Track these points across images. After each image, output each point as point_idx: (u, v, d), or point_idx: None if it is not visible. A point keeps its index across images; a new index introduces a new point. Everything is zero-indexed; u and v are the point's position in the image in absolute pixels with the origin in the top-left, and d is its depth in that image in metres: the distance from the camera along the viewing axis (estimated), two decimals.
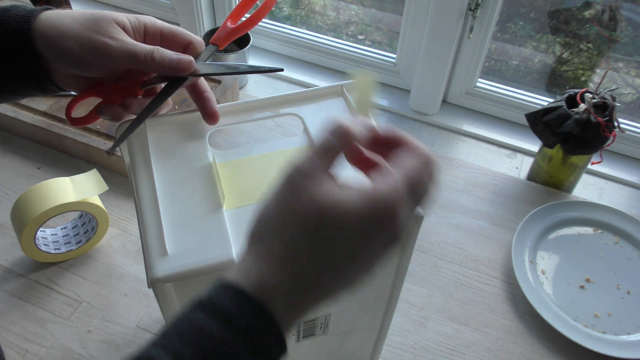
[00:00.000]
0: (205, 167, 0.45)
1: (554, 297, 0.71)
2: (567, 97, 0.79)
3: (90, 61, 0.44)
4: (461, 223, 0.81)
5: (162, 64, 0.45)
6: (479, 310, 0.71)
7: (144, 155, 0.45)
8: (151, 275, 0.38)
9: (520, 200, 0.84)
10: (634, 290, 0.72)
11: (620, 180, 0.90)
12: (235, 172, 0.46)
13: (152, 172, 0.44)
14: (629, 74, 0.98)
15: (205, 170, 0.45)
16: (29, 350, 0.65)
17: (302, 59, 1.10)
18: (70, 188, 0.69)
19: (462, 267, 0.75)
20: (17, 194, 0.81)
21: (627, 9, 0.90)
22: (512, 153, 0.94)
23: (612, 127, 0.76)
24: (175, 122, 0.48)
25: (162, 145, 0.46)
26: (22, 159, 0.87)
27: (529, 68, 1.04)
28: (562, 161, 0.82)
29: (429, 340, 0.67)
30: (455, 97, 1.01)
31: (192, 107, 0.49)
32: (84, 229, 0.74)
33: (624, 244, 0.78)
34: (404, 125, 0.99)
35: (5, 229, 0.77)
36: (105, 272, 0.73)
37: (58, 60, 0.44)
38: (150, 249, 0.39)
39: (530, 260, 0.75)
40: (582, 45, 0.97)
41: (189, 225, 0.41)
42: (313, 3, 1.18)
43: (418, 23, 0.94)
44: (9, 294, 0.70)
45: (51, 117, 0.88)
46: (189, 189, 0.43)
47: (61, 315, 0.68)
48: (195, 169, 0.45)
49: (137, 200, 0.43)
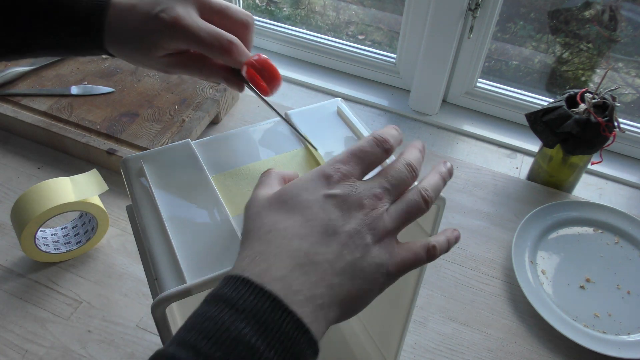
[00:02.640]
0: (204, 181, 0.45)
1: (554, 297, 0.71)
2: (567, 97, 0.79)
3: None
4: (461, 223, 0.80)
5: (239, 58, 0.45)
6: (479, 310, 0.71)
7: (145, 189, 0.45)
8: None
9: (520, 200, 0.84)
10: (634, 290, 0.72)
11: (620, 180, 0.90)
12: (233, 182, 0.46)
13: (156, 201, 0.43)
14: (629, 74, 0.98)
15: (204, 185, 0.45)
16: (29, 350, 0.65)
17: (302, 59, 1.10)
18: (70, 188, 0.69)
19: (462, 267, 0.75)
20: (17, 193, 0.81)
21: (627, 9, 0.90)
22: (512, 153, 0.94)
23: (612, 127, 0.76)
24: (165, 151, 0.48)
25: (158, 173, 0.46)
26: (22, 159, 0.87)
27: (529, 68, 1.04)
28: (562, 161, 0.82)
29: (429, 340, 0.67)
30: (455, 97, 1.01)
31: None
32: (84, 229, 0.74)
33: (624, 244, 0.78)
34: (404, 125, 0.99)
35: (5, 229, 0.77)
36: (105, 272, 0.73)
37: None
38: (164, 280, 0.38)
39: (530, 260, 0.75)
40: (582, 45, 0.97)
41: (202, 247, 0.40)
42: (313, 3, 1.18)
43: (418, 23, 0.94)
44: (8, 294, 0.70)
45: (51, 117, 0.88)
46: (193, 207, 0.43)
47: (61, 315, 0.68)
48: (195, 187, 0.45)
49: (145, 230, 0.42)
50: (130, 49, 0.46)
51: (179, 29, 0.43)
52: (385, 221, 0.35)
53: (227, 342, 0.29)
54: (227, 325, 0.29)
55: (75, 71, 0.97)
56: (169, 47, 0.45)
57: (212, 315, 0.30)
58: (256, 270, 0.32)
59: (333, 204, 0.35)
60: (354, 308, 0.34)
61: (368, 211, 0.35)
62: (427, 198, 0.37)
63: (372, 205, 0.35)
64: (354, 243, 0.34)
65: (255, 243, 0.34)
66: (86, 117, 0.88)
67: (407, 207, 0.36)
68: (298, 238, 0.33)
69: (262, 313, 0.30)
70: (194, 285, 0.36)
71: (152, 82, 0.96)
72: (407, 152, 0.39)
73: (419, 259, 0.36)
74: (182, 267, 0.38)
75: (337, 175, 0.36)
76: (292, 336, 0.30)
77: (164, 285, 0.37)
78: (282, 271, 0.32)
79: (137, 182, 0.45)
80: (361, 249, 0.34)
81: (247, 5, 1.17)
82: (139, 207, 0.43)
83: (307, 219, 0.34)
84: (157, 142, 0.85)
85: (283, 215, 0.35)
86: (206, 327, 0.29)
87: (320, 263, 0.33)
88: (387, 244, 0.35)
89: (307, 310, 0.31)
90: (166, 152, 0.48)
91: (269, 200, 0.36)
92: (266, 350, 0.29)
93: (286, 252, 0.33)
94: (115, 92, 0.93)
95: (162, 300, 0.36)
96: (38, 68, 0.96)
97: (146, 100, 0.92)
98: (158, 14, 0.43)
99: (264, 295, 0.30)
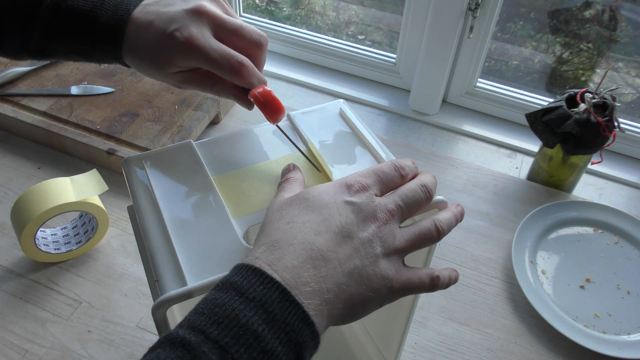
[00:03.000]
0: (206, 183, 0.45)
1: (554, 297, 0.71)
2: (567, 97, 0.79)
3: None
4: (461, 223, 0.80)
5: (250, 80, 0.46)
6: (479, 310, 0.71)
7: (147, 189, 0.45)
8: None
9: (520, 200, 0.84)
10: (634, 290, 0.72)
11: (620, 180, 0.90)
12: (235, 184, 0.46)
13: (158, 202, 0.43)
14: (629, 73, 0.98)
15: (206, 187, 0.45)
16: (28, 350, 0.65)
17: (302, 59, 1.10)
18: (70, 188, 0.69)
19: (462, 267, 0.75)
20: (17, 194, 0.81)
21: (627, 9, 0.90)
22: (512, 153, 0.94)
23: (612, 127, 0.76)
24: (167, 152, 0.48)
25: (160, 174, 0.46)
26: (22, 159, 0.87)
27: (529, 68, 1.04)
28: (562, 161, 0.82)
29: (429, 340, 0.67)
30: (455, 97, 1.01)
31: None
32: (84, 229, 0.74)
33: (624, 243, 0.78)
34: (403, 125, 0.99)
35: (5, 229, 0.77)
36: (105, 272, 0.73)
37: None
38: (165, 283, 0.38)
39: (530, 260, 0.75)
40: (582, 45, 0.97)
41: (205, 251, 0.40)
42: (313, 3, 1.18)
43: (418, 23, 0.94)
44: (8, 294, 0.70)
45: (51, 117, 0.88)
46: (195, 209, 0.43)
47: (61, 315, 0.68)
48: (197, 188, 0.44)
49: (147, 232, 0.41)
50: (145, 63, 0.47)
51: (192, 49, 0.45)
52: (397, 239, 0.37)
53: (235, 329, 0.30)
54: (236, 313, 0.31)
55: (75, 71, 0.97)
56: (181, 65, 0.46)
57: (223, 302, 0.31)
58: (270, 258, 0.34)
59: (351, 210, 0.37)
60: (355, 312, 0.36)
61: (381, 224, 0.37)
62: (440, 229, 0.39)
63: (384, 219, 0.37)
64: (365, 250, 0.36)
65: (272, 232, 0.36)
66: (86, 117, 0.88)
67: (420, 232, 0.38)
68: (314, 233, 0.35)
69: (270, 303, 0.31)
70: (195, 288, 0.36)
71: (152, 82, 0.95)
72: (423, 175, 0.42)
73: (422, 284, 0.38)
74: (183, 269, 0.38)
75: (358, 185, 0.38)
76: (297, 327, 0.31)
77: (164, 287, 0.37)
78: (294, 261, 0.33)
79: (139, 182, 0.45)
80: (371, 258, 0.36)
81: (247, 5, 1.17)
82: (140, 208, 0.43)
83: (325, 218, 0.36)
84: (157, 142, 0.85)
85: (303, 211, 0.37)
86: (216, 313, 0.31)
87: (331, 260, 0.34)
88: (394, 261, 0.37)
89: (313, 303, 0.32)
90: (168, 152, 0.48)
91: (290, 198, 0.39)
92: (272, 339, 0.30)
93: (300, 244, 0.34)
94: (115, 92, 0.93)
95: (163, 303, 0.36)
96: (38, 68, 0.96)
97: (146, 100, 0.92)
98: (173, 32, 0.44)
99: (274, 285, 0.32)
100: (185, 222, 0.42)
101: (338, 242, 0.35)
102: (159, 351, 0.30)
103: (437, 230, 0.39)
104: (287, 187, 0.42)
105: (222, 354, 0.29)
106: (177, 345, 0.30)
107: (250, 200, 0.44)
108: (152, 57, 0.46)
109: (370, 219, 0.37)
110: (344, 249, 0.35)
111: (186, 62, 0.46)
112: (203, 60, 0.45)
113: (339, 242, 0.35)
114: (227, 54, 0.45)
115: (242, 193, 0.45)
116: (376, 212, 0.37)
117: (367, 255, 0.36)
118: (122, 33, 0.46)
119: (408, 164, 0.42)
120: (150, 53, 0.46)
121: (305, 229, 0.35)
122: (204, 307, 0.32)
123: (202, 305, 0.32)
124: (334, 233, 0.35)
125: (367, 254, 0.36)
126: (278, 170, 0.47)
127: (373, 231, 0.36)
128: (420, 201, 0.40)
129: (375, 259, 0.36)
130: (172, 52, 0.45)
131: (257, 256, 0.34)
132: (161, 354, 0.30)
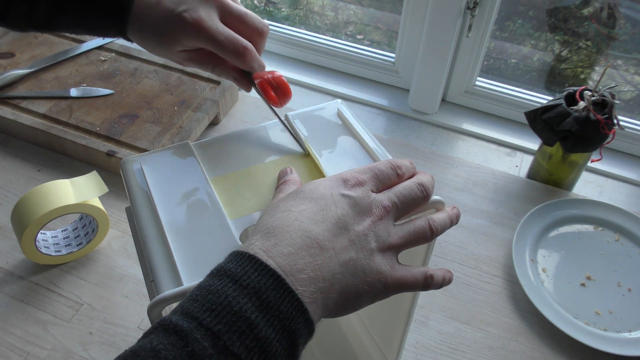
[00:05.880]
0: (203, 184, 0.45)
1: (555, 295, 0.71)
2: (567, 95, 0.79)
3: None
4: (461, 222, 0.81)
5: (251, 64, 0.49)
6: (480, 309, 0.71)
7: (144, 191, 0.45)
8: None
9: (520, 198, 0.84)
10: (634, 288, 0.72)
11: (620, 177, 0.90)
12: (232, 185, 0.46)
13: (155, 204, 0.43)
14: (628, 71, 0.98)
15: (203, 188, 0.45)
16: (30, 352, 0.65)
17: (301, 59, 1.10)
18: (71, 190, 0.69)
19: (463, 265, 0.75)
20: (17, 196, 0.81)
21: (626, 7, 0.90)
22: (511, 151, 0.94)
23: (612, 125, 0.76)
24: (165, 153, 0.49)
25: (158, 175, 0.46)
26: (22, 162, 0.87)
27: (528, 66, 1.04)
28: (562, 159, 0.82)
29: (430, 339, 0.67)
30: (454, 96, 1.01)
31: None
32: (85, 231, 0.75)
33: (625, 241, 0.78)
34: (403, 124, 0.99)
35: (5, 232, 0.77)
36: (106, 274, 0.73)
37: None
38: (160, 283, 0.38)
39: (530, 259, 0.75)
40: (581, 43, 0.97)
41: (200, 251, 0.40)
42: (311, 3, 1.18)
43: (417, 22, 0.94)
44: (10, 296, 0.70)
45: (51, 120, 0.88)
46: (191, 210, 0.43)
47: (62, 318, 0.68)
48: (194, 189, 0.45)
49: (143, 233, 0.42)
50: (151, 40, 0.49)
51: (200, 30, 0.46)
52: (391, 235, 0.37)
53: (228, 316, 0.30)
54: (229, 300, 0.31)
55: (75, 73, 0.97)
56: (187, 45, 0.48)
57: (216, 289, 0.31)
58: (265, 245, 0.34)
59: (347, 203, 0.37)
60: (348, 304, 0.36)
61: (375, 219, 0.37)
62: (434, 229, 0.40)
63: (379, 215, 0.37)
64: (360, 243, 0.36)
65: (269, 219, 0.36)
66: (86, 119, 0.88)
67: (414, 230, 0.39)
68: (311, 222, 0.35)
69: (264, 290, 0.31)
70: (191, 288, 0.36)
71: (152, 83, 0.96)
72: (421, 174, 0.42)
73: (416, 282, 0.39)
74: (179, 269, 0.38)
75: (354, 180, 0.39)
76: (291, 315, 0.31)
77: (160, 287, 0.37)
78: (290, 247, 0.34)
79: (136, 183, 0.45)
80: (366, 251, 0.36)
81: (246, 5, 1.17)
82: (138, 209, 0.43)
83: (321, 208, 0.36)
84: (157, 144, 0.85)
85: (299, 201, 0.37)
86: (210, 300, 0.31)
87: (327, 249, 0.35)
88: (389, 257, 0.37)
89: (308, 290, 0.32)
90: (166, 153, 0.48)
91: (287, 194, 0.39)
92: (265, 326, 0.30)
93: (297, 232, 0.34)
94: (115, 93, 0.93)
95: (159, 302, 0.36)
96: (37, 70, 0.96)
97: (145, 102, 0.92)
98: (181, 13, 0.46)
99: (268, 272, 0.32)
100: (182, 222, 0.42)
101: (334, 233, 0.35)
102: (152, 337, 0.30)
103: (430, 230, 0.39)
104: (285, 189, 0.42)
105: (214, 340, 0.29)
106: (170, 331, 0.30)
107: (247, 202, 0.44)
108: (158, 35, 0.47)
109: (365, 213, 0.37)
110: (340, 240, 0.35)
111: (193, 43, 0.47)
112: (210, 42, 0.47)
113: (335, 233, 0.35)
114: (233, 38, 0.47)
115: (239, 194, 0.45)
116: (371, 207, 0.37)
117: (363, 249, 0.36)
118: (128, 9, 0.47)
119: (405, 164, 0.42)
120: (156, 31, 0.47)
121: (301, 218, 0.36)
122: (198, 293, 0.32)
123: (196, 291, 0.32)
124: (330, 223, 0.36)
125: (362, 247, 0.36)
126: (275, 172, 0.47)
127: (368, 225, 0.37)
128: (416, 199, 0.40)
129: (371, 253, 0.36)
130: (179, 32, 0.47)
131: (253, 242, 0.34)
132: (154, 339, 0.30)
